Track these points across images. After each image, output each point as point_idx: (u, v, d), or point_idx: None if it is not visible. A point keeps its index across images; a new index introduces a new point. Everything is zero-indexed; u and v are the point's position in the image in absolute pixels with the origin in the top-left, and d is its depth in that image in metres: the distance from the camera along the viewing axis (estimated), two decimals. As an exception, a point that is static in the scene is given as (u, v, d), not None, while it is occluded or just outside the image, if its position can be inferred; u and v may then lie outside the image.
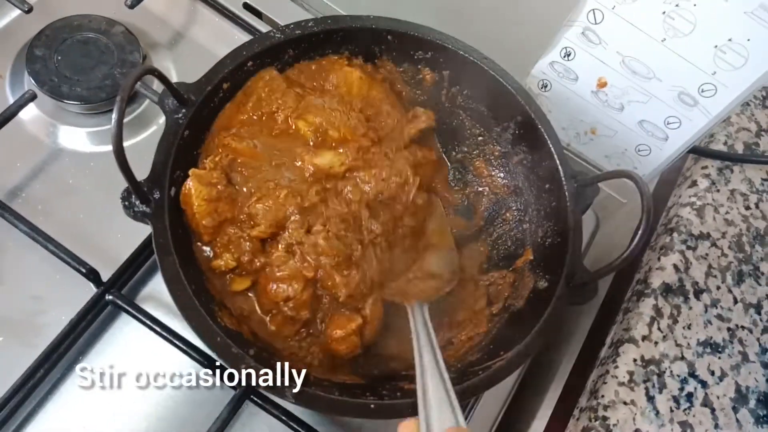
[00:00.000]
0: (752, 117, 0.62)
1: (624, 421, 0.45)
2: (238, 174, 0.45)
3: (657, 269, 0.52)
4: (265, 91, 0.48)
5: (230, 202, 0.44)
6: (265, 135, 0.48)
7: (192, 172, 0.43)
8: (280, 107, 0.48)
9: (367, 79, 0.51)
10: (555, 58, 0.51)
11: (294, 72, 0.50)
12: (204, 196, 0.42)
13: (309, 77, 0.51)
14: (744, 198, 0.57)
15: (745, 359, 0.49)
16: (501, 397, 0.50)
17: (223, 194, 0.43)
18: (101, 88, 0.53)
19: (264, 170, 0.46)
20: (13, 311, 0.46)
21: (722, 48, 0.43)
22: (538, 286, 0.46)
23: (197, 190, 0.42)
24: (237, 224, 0.44)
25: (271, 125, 0.48)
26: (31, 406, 0.44)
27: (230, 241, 0.44)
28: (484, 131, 0.54)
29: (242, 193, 0.45)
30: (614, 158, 0.56)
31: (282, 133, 0.48)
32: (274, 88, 0.48)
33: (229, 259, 0.43)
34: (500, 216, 0.53)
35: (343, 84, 0.51)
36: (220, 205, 0.43)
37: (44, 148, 0.52)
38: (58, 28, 0.54)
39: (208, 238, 0.43)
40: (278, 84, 0.48)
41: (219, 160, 0.45)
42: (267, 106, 0.48)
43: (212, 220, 0.43)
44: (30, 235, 0.46)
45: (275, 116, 0.48)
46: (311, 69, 0.51)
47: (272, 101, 0.48)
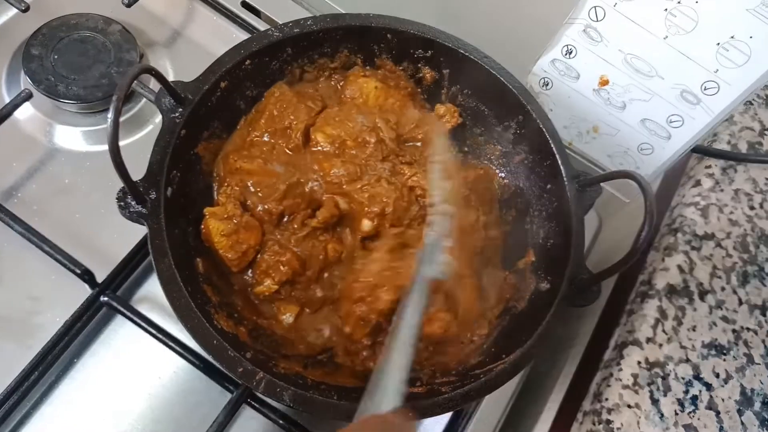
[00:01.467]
0: (755, 116, 0.62)
1: (628, 424, 0.44)
2: (253, 195, 0.46)
3: (661, 270, 0.51)
4: (276, 107, 0.48)
5: (250, 229, 0.44)
6: (278, 153, 0.48)
7: (207, 211, 0.43)
8: (292, 122, 0.48)
9: (384, 88, 0.52)
10: (556, 56, 0.51)
11: (304, 86, 0.51)
12: (222, 231, 0.43)
13: (324, 89, 0.52)
14: (748, 198, 0.57)
15: (750, 361, 0.49)
16: (503, 400, 0.50)
17: (241, 224, 0.44)
18: (98, 87, 0.52)
19: (279, 188, 0.46)
20: (8, 312, 0.46)
21: (725, 45, 0.43)
22: (540, 287, 0.45)
23: (215, 228, 0.43)
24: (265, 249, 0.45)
25: (284, 143, 0.48)
26: (26, 409, 0.43)
27: (268, 266, 0.44)
28: (485, 131, 0.53)
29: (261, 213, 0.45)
30: (616, 157, 0.55)
31: (296, 149, 0.48)
32: (285, 103, 0.48)
33: (270, 283, 0.44)
34: (501, 217, 0.52)
35: (359, 95, 0.51)
36: (240, 236, 0.43)
37: (40, 147, 0.52)
38: (54, 26, 0.54)
39: (237, 269, 0.44)
40: (289, 99, 0.49)
41: (230, 191, 0.45)
42: (279, 123, 0.48)
43: (236, 252, 0.44)
44: (25, 235, 0.45)
45: (288, 132, 0.48)
46: (324, 82, 0.52)
47: (284, 117, 0.48)
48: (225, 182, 0.46)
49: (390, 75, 0.52)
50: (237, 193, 0.45)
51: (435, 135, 0.51)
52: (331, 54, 0.51)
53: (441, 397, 0.38)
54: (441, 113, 0.53)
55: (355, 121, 0.49)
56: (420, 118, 0.52)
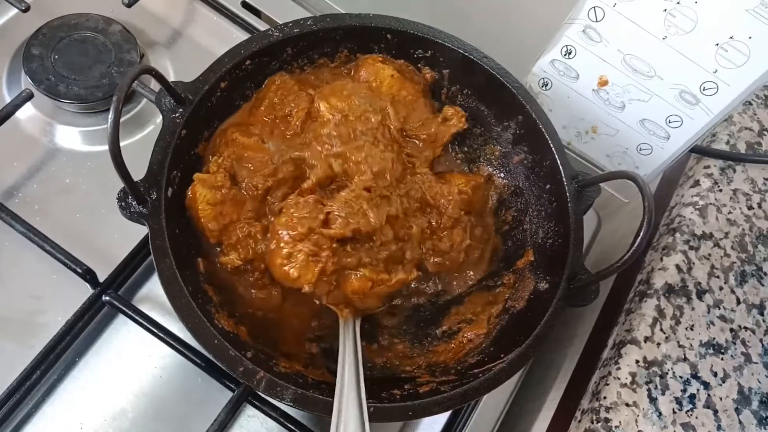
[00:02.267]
0: (754, 116, 0.62)
1: (626, 423, 0.44)
2: (244, 169, 0.45)
3: (659, 270, 0.52)
4: (277, 95, 0.47)
5: (235, 204, 0.44)
6: (277, 137, 0.47)
7: (196, 177, 0.42)
8: (293, 110, 0.47)
9: (399, 78, 0.50)
10: (556, 57, 0.51)
11: (307, 75, 0.50)
12: (208, 199, 0.42)
13: (328, 77, 0.50)
14: (747, 198, 0.57)
15: (747, 360, 0.49)
16: (502, 399, 0.50)
17: (228, 197, 0.43)
18: (98, 87, 0.52)
19: (271, 165, 0.45)
20: (9, 311, 0.46)
21: (724, 46, 0.43)
22: (538, 287, 0.45)
23: (201, 195, 0.42)
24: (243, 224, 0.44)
25: (284, 128, 0.47)
26: (28, 407, 0.43)
27: (237, 240, 0.44)
28: (484, 131, 0.53)
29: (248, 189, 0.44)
30: (615, 157, 0.55)
31: (295, 135, 0.47)
32: (286, 91, 0.48)
33: (235, 257, 0.43)
34: (500, 217, 0.52)
35: (374, 78, 0.50)
36: (225, 208, 0.43)
37: (41, 147, 0.52)
38: (55, 27, 0.54)
39: (214, 240, 0.43)
40: (290, 87, 0.48)
41: (222, 161, 0.44)
42: (280, 110, 0.47)
43: (217, 224, 0.43)
44: (26, 235, 0.45)
45: (288, 119, 0.47)
46: (330, 71, 0.50)
47: (285, 104, 0.47)
48: (218, 152, 0.45)
49: (406, 69, 0.51)
50: (228, 165, 0.44)
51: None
52: (331, 54, 0.51)
53: (440, 396, 0.38)
54: (448, 115, 0.52)
55: (364, 100, 0.47)
56: (427, 117, 0.51)
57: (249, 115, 0.48)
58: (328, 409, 0.37)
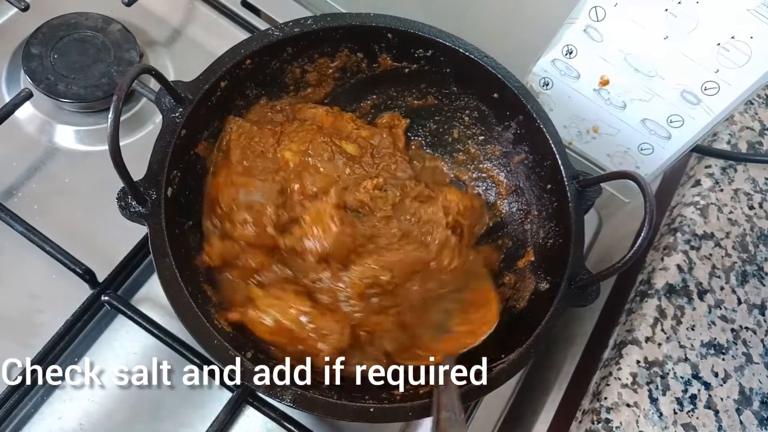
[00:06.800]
0: (756, 116, 0.62)
1: (627, 423, 0.44)
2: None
3: (660, 270, 0.52)
4: (243, 140, 0.47)
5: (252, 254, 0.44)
6: (262, 182, 0.46)
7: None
8: (263, 147, 0.48)
9: (333, 112, 0.52)
10: (557, 56, 0.51)
11: (253, 114, 0.49)
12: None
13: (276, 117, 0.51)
14: (748, 197, 0.57)
15: (749, 360, 0.49)
16: (502, 399, 0.50)
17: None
18: (98, 87, 0.52)
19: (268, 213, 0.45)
20: (8, 311, 0.46)
21: (725, 46, 0.43)
22: (539, 287, 0.45)
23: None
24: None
25: (265, 166, 0.47)
26: (27, 407, 0.43)
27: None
28: (485, 130, 0.53)
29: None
30: (616, 157, 0.55)
31: (279, 170, 0.48)
32: (249, 135, 0.48)
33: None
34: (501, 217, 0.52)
35: (311, 121, 0.51)
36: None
37: (40, 147, 0.52)
38: (54, 26, 0.54)
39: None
40: (248, 129, 0.48)
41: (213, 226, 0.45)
42: (251, 153, 0.47)
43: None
44: (25, 234, 0.45)
45: (265, 155, 0.48)
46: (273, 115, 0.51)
47: (254, 146, 0.48)
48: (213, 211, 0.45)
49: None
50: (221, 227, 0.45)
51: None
52: (331, 53, 0.51)
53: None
54: (385, 122, 0.53)
55: (315, 135, 0.49)
56: (370, 132, 0.52)
57: (229, 173, 0.47)
58: (328, 409, 0.37)
